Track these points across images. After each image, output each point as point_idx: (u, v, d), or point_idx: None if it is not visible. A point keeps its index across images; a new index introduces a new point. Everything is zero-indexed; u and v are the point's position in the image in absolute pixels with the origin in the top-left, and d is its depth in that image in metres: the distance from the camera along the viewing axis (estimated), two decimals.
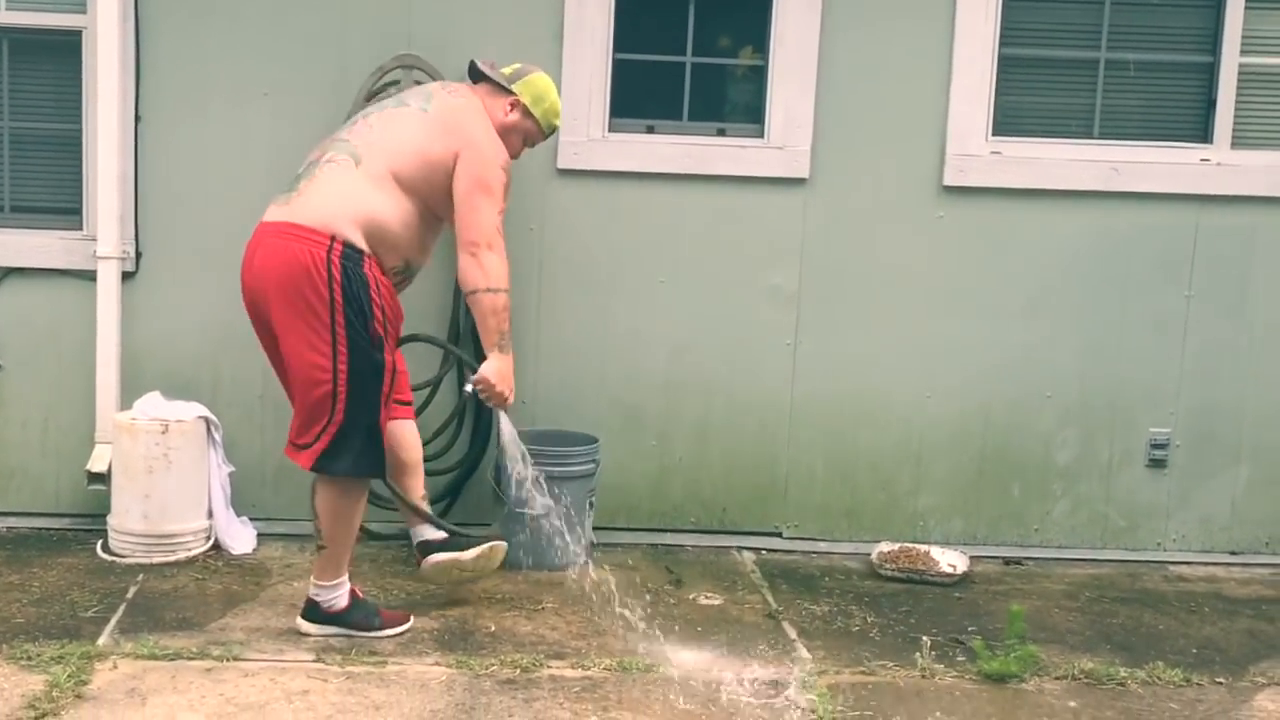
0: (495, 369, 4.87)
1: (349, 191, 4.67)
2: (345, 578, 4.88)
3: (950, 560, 5.84)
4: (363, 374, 4.64)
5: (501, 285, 4.77)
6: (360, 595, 4.92)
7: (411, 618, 4.97)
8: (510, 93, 5.04)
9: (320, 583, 4.86)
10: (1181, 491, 6.21)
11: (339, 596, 4.86)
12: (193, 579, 5.39)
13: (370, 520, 5.47)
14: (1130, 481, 6.20)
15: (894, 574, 5.76)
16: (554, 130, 5.19)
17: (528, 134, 5.10)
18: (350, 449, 4.69)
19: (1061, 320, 6.09)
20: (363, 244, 4.63)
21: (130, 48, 5.69)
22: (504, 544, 5.22)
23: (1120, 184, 6.03)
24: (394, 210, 4.71)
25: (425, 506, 5.17)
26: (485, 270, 4.74)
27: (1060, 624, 5.36)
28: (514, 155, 5.06)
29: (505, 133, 4.99)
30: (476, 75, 5.14)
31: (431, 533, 5.16)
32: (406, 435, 5.11)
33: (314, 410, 4.66)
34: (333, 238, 4.60)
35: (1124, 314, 6.10)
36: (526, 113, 5.05)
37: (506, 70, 5.10)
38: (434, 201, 4.80)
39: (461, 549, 5.12)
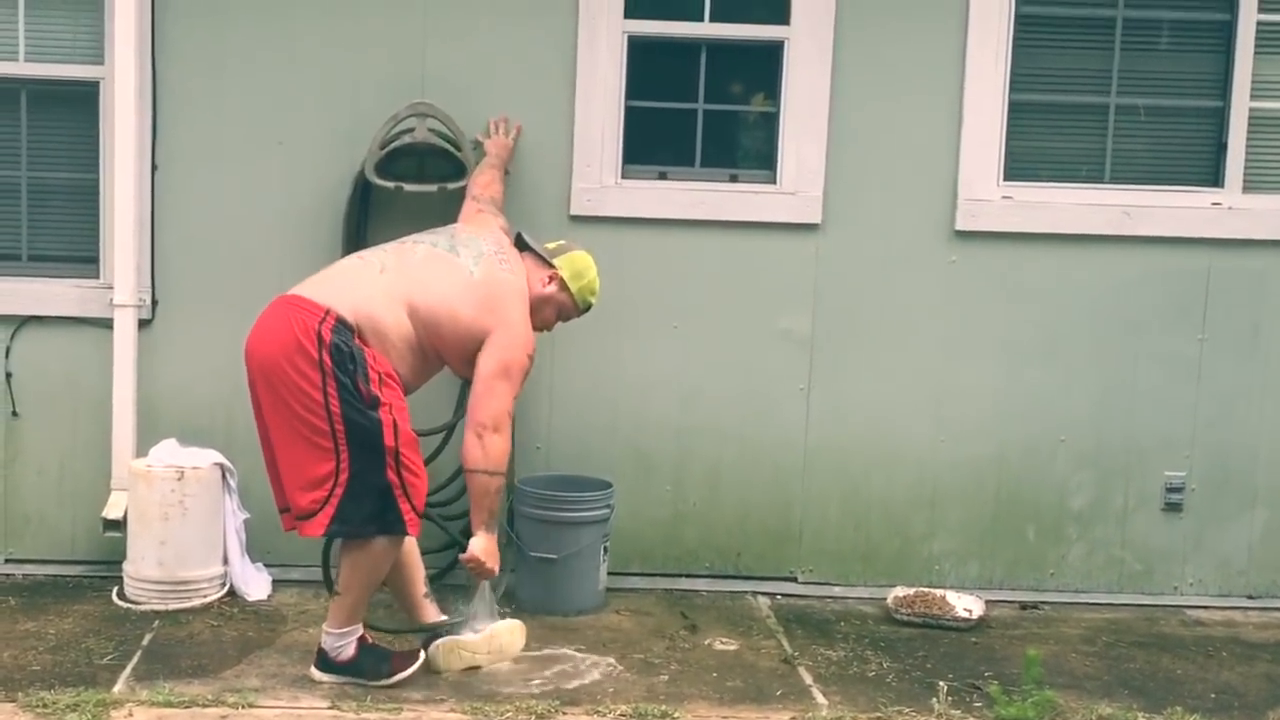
0: (484, 548, 4.91)
1: (360, 287, 4.83)
2: (356, 627, 4.88)
3: (966, 605, 5.82)
4: (360, 433, 4.67)
5: (500, 469, 4.89)
6: (370, 641, 4.91)
7: (423, 654, 4.93)
8: (552, 266, 5.12)
9: (329, 629, 4.87)
10: (1197, 535, 6.19)
11: (345, 645, 4.85)
12: (208, 625, 5.39)
13: None
14: (1146, 525, 6.18)
15: (909, 619, 5.74)
16: (588, 307, 5.24)
17: (561, 307, 5.17)
18: (361, 511, 4.72)
19: (1075, 364, 6.09)
20: (357, 324, 4.75)
21: (147, 97, 5.74)
22: (515, 624, 5.15)
23: (1132, 228, 6.04)
24: (393, 324, 4.81)
25: (431, 609, 5.14)
26: (487, 453, 4.83)
27: (1077, 669, 5.34)
28: (546, 326, 5.20)
29: (540, 303, 5.09)
30: (522, 245, 5.21)
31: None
32: None
33: (315, 479, 4.70)
34: (328, 311, 4.73)
35: (1137, 358, 6.10)
36: (564, 286, 5.12)
37: (550, 245, 5.21)
38: (439, 344, 4.89)
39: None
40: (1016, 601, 6.07)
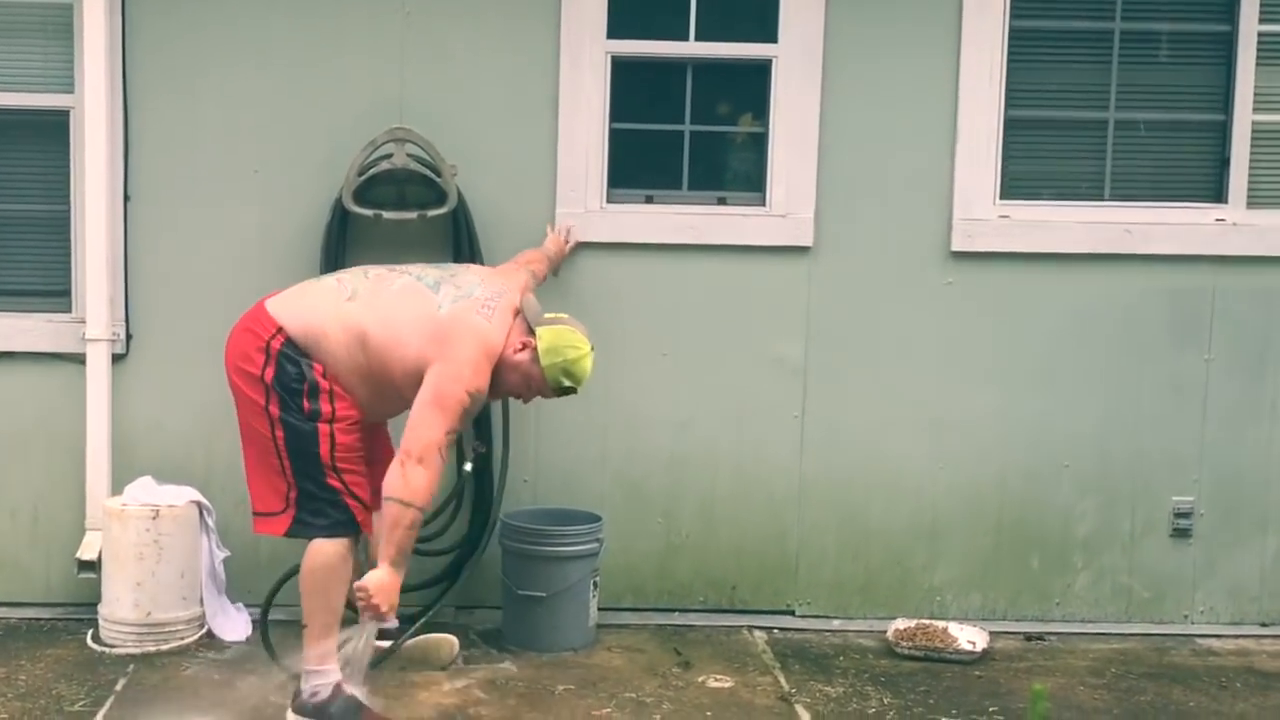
0: (378, 581, 4.58)
1: (320, 311, 4.74)
2: (333, 667, 4.72)
3: (969, 637, 5.66)
4: (297, 441, 4.66)
5: (417, 502, 4.57)
6: (347, 690, 4.73)
7: None
8: (533, 334, 4.78)
9: (306, 666, 4.74)
10: (1208, 561, 6.02)
11: (323, 686, 4.70)
12: (184, 669, 5.23)
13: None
14: (1154, 552, 6.01)
15: (911, 652, 5.57)
16: (562, 388, 4.81)
17: (530, 379, 4.79)
18: (315, 512, 4.70)
19: (1077, 387, 5.94)
20: (306, 346, 4.69)
21: (118, 127, 5.62)
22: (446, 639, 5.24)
23: (1133, 246, 5.90)
24: (343, 353, 4.68)
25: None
26: (407, 482, 4.56)
27: (1086, 702, 5.16)
28: (515, 395, 4.90)
29: (509, 368, 4.75)
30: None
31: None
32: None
33: (274, 479, 4.71)
34: (280, 328, 4.69)
35: (1142, 380, 5.95)
36: (535, 359, 4.75)
37: (550, 315, 4.85)
38: (391, 378, 4.70)
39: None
40: (1021, 633, 5.89)
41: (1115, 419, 5.96)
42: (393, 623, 4.78)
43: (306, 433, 4.65)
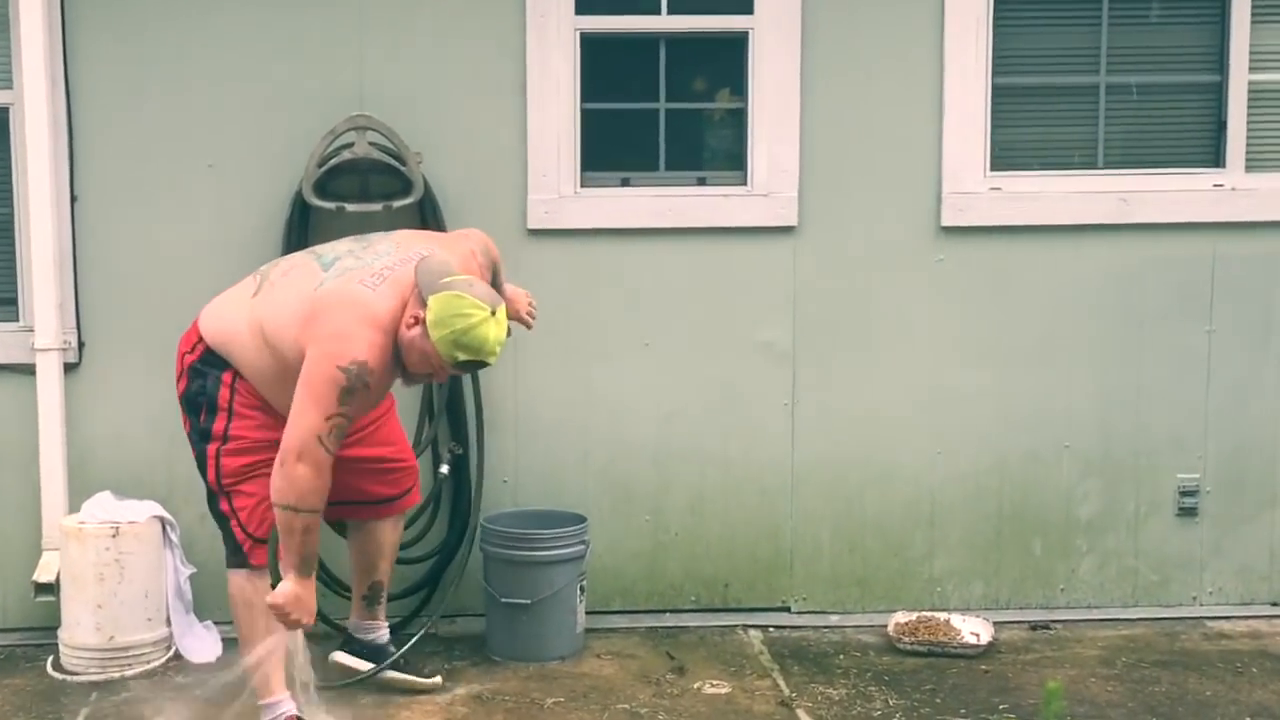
0: (286, 594, 4.22)
1: (232, 312, 4.49)
2: (281, 698, 4.47)
3: (973, 629, 5.44)
4: (199, 463, 4.50)
5: (304, 505, 4.13)
6: None
7: None
8: (424, 305, 4.20)
9: (257, 701, 4.50)
10: (1215, 541, 5.82)
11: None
12: (151, 696, 4.95)
13: None
14: (1160, 532, 5.80)
15: (913, 647, 5.35)
16: (461, 364, 4.21)
17: (429, 357, 4.18)
18: (227, 544, 4.52)
19: (1076, 364, 5.72)
20: (222, 354, 4.44)
21: (62, 123, 5.33)
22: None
23: (1130, 215, 5.68)
24: (252, 354, 4.37)
25: (363, 612, 5.04)
26: (289, 484, 4.13)
27: (1099, 696, 4.94)
28: (420, 373, 4.28)
29: (406, 348, 4.21)
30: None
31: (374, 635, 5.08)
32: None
33: None
34: (200, 339, 4.47)
35: (1142, 354, 5.73)
36: (426, 333, 4.16)
37: (448, 279, 4.20)
38: (289, 372, 4.26)
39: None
40: (1026, 621, 5.68)
41: (1116, 396, 5.75)
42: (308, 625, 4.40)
43: (198, 455, 4.46)
